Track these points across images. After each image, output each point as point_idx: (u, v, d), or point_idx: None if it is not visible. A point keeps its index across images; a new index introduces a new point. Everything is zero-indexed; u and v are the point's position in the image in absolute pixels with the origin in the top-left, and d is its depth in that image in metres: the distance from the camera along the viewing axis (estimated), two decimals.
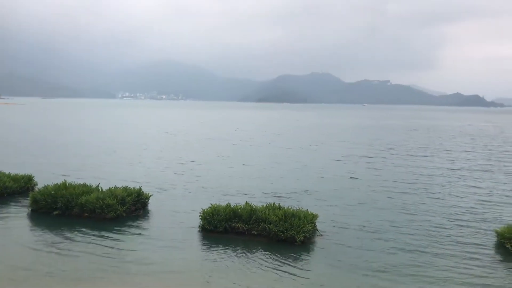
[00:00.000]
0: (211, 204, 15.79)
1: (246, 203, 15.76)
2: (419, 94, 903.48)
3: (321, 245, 14.04)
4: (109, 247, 13.51)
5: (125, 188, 17.63)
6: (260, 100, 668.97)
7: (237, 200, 18.12)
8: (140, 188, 18.13)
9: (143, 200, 17.77)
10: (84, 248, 13.37)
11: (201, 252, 13.36)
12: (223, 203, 15.94)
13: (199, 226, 15.32)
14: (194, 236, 14.71)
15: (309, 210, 15.46)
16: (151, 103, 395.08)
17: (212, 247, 13.70)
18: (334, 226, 15.90)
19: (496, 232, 14.65)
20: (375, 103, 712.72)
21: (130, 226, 15.71)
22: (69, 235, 14.52)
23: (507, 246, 13.71)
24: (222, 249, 13.45)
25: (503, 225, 15.00)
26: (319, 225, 15.34)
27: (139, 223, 16.09)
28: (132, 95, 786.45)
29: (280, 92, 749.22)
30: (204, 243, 14.13)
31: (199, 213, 15.54)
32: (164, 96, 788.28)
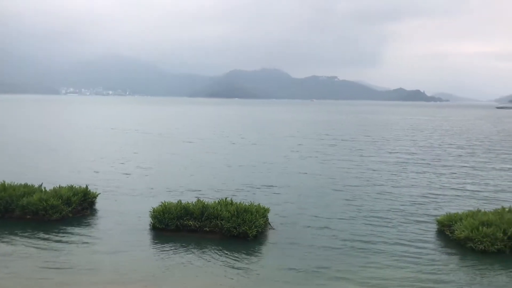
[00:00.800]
0: (161, 202, 15.52)
1: (198, 200, 15.64)
2: (365, 90, 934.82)
3: (273, 239, 14.21)
4: (51, 251, 12.88)
5: (71, 188, 16.94)
6: (210, 95, 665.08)
7: (188, 198, 17.90)
8: (86, 187, 17.49)
9: (90, 200, 17.16)
10: (23, 253, 12.66)
11: (151, 252, 13.10)
12: (174, 201, 15.72)
13: (149, 225, 15.03)
14: (145, 236, 14.41)
15: (261, 204, 15.59)
16: (97, 99, 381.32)
17: (163, 246, 13.48)
18: (285, 220, 16.12)
19: (437, 220, 15.52)
20: (323, 98, 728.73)
21: (76, 227, 15.12)
22: (6, 240, 13.72)
23: (446, 233, 14.56)
24: (173, 248, 13.27)
25: (442, 214, 15.89)
26: (270, 219, 15.51)
27: (85, 224, 15.54)
28: (77, 90, 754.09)
29: (231, 87, 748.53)
30: (154, 242, 13.88)
31: (150, 211, 15.23)
32: (110, 92, 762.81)
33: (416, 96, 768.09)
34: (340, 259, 12.54)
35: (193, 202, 15.42)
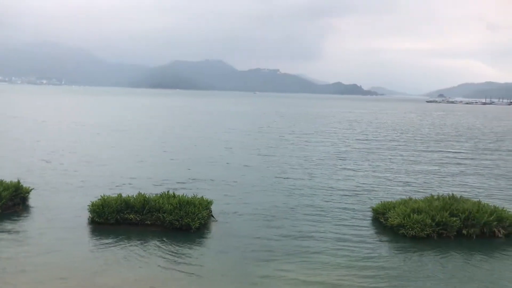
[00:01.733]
0: (100, 195, 15.04)
1: (139, 193, 15.33)
2: (305, 83, 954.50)
3: (215, 232, 14.25)
4: None
5: (0, 182, 15.94)
6: (152, 86, 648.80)
7: (128, 191, 17.41)
8: (18, 181, 16.54)
9: (22, 195, 16.24)
10: None
11: (88, 248, 12.65)
12: (114, 195, 15.29)
13: (88, 219, 14.52)
14: (82, 231, 13.90)
15: (204, 197, 15.56)
16: (29, 88, 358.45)
17: (103, 240, 13.10)
18: (227, 212, 16.20)
19: (372, 209, 16.30)
20: (266, 91, 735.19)
21: (6, 224, 14.27)
22: None
23: (381, 220, 15.35)
24: (113, 242, 12.92)
25: (378, 203, 16.68)
26: (213, 211, 15.53)
27: (17, 221, 14.70)
28: (6, 79, 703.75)
29: (173, 78, 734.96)
30: (93, 237, 13.44)
31: (88, 206, 14.72)
32: (44, 81, 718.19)
33: (354, 90, 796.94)
34: (280, 255, 12.41)
35: (134, 196, 15.10)
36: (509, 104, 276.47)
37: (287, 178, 23.00)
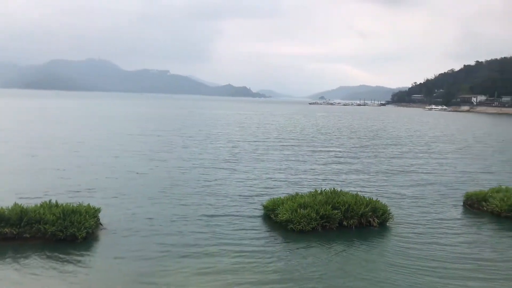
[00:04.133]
0: None
1: (15, 204, 13.92)
2: (196, 85, 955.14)
3: (104, 242, 13.53)
4: None
5: None
6: (27, 86, 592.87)
7: (3, 203, 15.63)
8: None
9: None
10: None
11: None
12: None
13: None
14: None
15: (90, 205, 14.70)
16: None
17: None
18: (117, 221, 15.45)
19: (263, 206, 16.91)
20: (155, 92, 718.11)
21: None
22: None
23: (271, 216, 15.98)
24: None
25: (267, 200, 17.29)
26: (102, 219, 14.74)
27: None
28: None
29: (52, 78, 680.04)
30: None
31: None
32: None
33: (243, 92, 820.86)
34: (173, 268, 11.81)
35: (9, 207, 13.67)
36: (380, 105, 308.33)
37: (177, 184, 22.15)
